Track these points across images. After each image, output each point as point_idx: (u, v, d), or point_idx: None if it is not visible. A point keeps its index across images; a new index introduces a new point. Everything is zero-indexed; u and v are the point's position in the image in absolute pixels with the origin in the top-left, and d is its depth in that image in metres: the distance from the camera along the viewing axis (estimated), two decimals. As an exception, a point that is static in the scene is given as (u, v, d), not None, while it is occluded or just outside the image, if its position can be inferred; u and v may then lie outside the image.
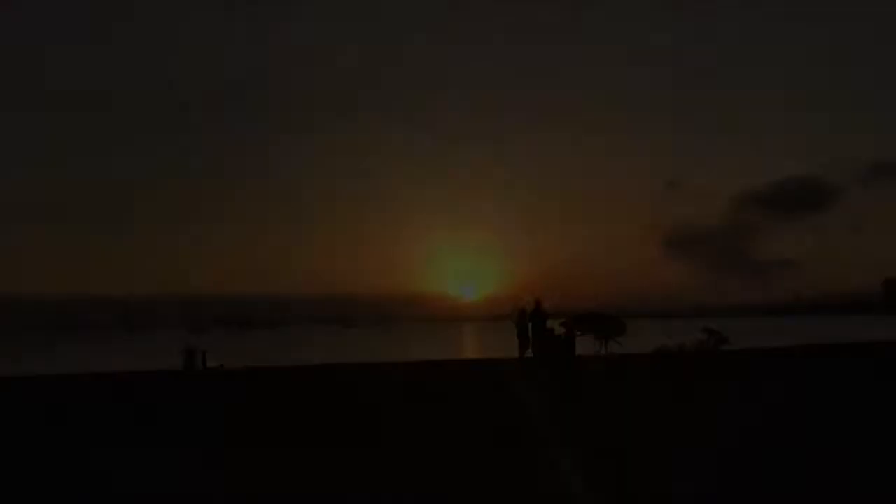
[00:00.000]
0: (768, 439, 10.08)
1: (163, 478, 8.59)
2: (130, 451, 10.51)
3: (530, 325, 24.47)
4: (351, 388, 20.12)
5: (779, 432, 10.60)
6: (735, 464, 8.45)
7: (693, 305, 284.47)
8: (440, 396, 16.98)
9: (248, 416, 14.19)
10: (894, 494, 7.19)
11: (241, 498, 7.52)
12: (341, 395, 18.06)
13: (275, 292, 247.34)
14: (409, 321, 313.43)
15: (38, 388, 22.58)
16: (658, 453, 9.10)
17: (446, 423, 12.23)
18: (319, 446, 10.42)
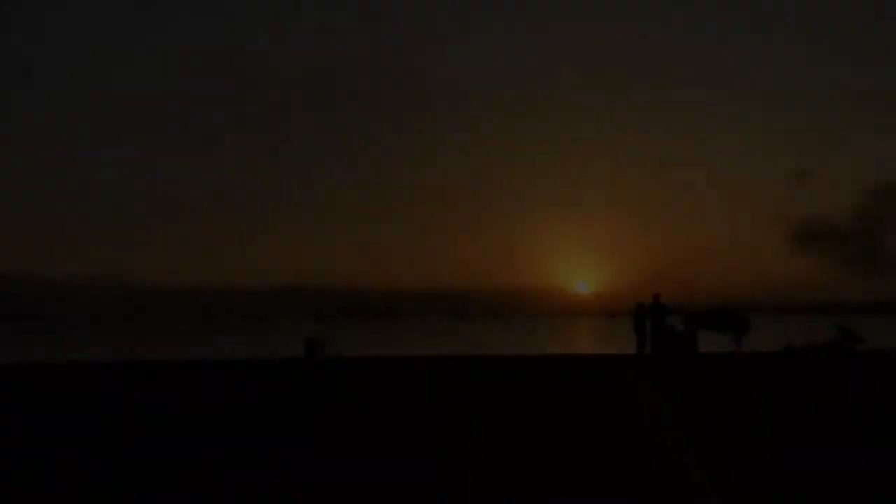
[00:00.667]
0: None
1: (272, 462, 8.85)
2: (249, 434, 10.91)
3: (648, 320, 23.80)
4: (465, 379, 20.21)
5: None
6: (859, 469, 7.93)
7: (821, 302, 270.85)
8: (551, 391, 16.81)
9: (360, 404, 14.47)
10: None
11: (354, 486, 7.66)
12: (455, 385, 18.18)
13: (393, 285, 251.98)
14: (524, 315, 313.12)
15: (168, 373, 23.87)
16: (779, 454, 8.65)
17: (560, 419, 12.07)
18: (434, 435, 10.51)
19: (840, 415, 12.50)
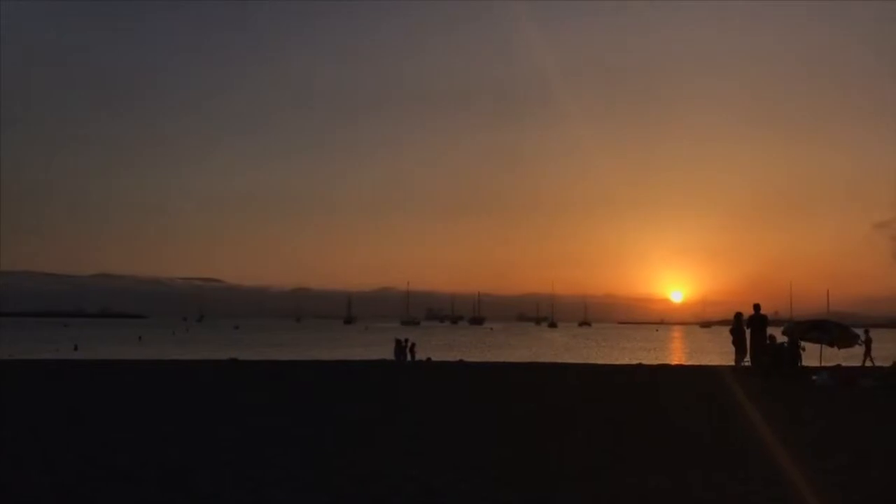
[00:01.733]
0: None
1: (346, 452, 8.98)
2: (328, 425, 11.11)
3: (748, 331, 22.94)
4: (545, 384, 20.02)
5: None
6: None
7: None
8: (643, 398, 16.45)
9: (447, 404, 14.52)
10: None
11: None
12: (533, 389, 18.03)
13: (479, 291, 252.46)
14: (612, 322, 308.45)
15: (262, 369, 24.59)
16: (877, 476, 8.18)
17: (653, 427, 11.79)
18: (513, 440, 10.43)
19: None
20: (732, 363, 24.22)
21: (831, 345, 23.12)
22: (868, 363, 28.93)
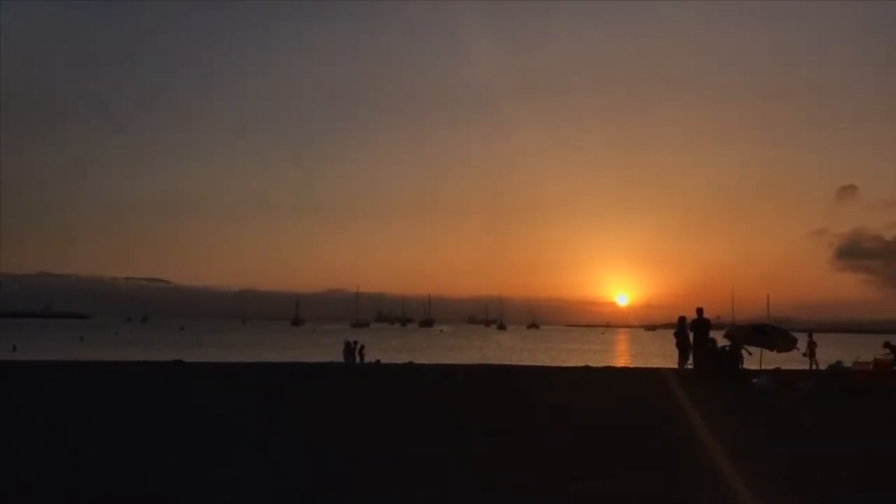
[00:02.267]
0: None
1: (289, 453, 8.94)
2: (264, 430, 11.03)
3: (691, 334, 23.42)
4: (490, 387, 20.15)
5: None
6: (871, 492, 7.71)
7: (868, 320, 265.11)
8: (591, 401, 16.68)
9: (393, 408, 14.52)
10: None
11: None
12: (480, 392, 18.12)
13: (430, 293, 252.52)
14: (560, 325, 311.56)
15: (208, 370, 24.21)
16: (816, 474, 8.46)
17: (597, 429, 11.96)
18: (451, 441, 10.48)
19: (881, 435, 12.19)
20: (676, 366, 24.68)
21: (771, 348, 23.69)
22: (813, 366, 29.78)
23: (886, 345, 29.55)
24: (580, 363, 39.15)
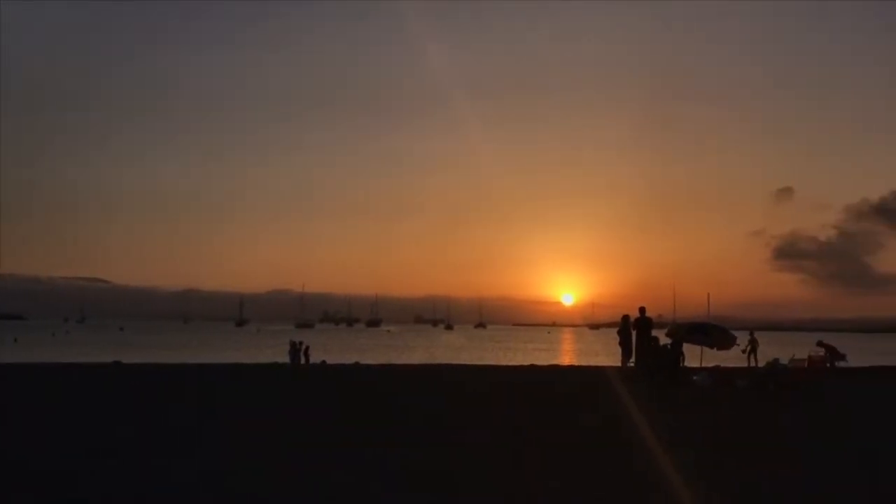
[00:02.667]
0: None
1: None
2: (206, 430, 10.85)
3: (634, 332, 23.79)
4: (438, 386, 20.16)
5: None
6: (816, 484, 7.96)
7: (805, 319, 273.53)
8: (535, 399, 16.79)
9: (337, 408, 14.41)
10: None
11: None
12: (427, 392, 18.13)
13: (376, 293, 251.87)
14: (507, 324, 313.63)
15: (148, 372, 23.70)
16: (748, 468, 8.67)
17: (542, 427, 12.06)
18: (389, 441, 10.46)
19: (816, 432, 12.56)
20: (619, 364, 25.04)
21: (711, 346, 24.18)
22: (752, 364, 30.60)
23: (820, 343, 30.54)
24: (526, 362, 39.47)
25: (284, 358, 35.53)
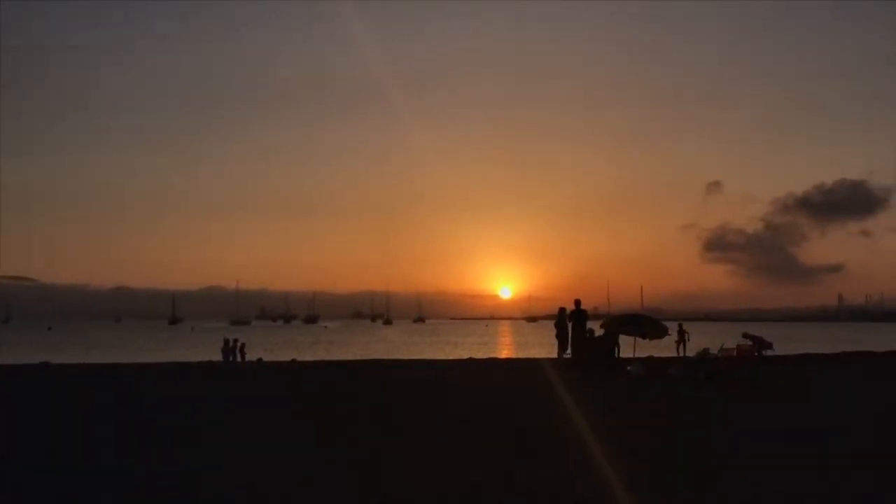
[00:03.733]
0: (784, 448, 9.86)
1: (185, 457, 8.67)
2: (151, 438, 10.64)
3: (570, 325, 24.20)
4: (376, 382, 20.12)
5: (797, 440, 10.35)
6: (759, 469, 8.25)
7: (735, 309, 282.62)
8: (473, 392, 16.92)
9: (276, 407, 14.27)
10: None
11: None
12: (366, 388, 18.08)
13: (314, 289, 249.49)
14: (445, 318, 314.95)
15: (77, 373, 23.03)
16: (681, 456, 8.92)
17: (479, 420, 12.16)
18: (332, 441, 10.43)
19: (747, 415, 12.97)
20: (555, 355, 25.41)
21: (644, 337, 24.72)
22: (681, 353, 31.55)
23: (746, 335, 31.58)
24: (465, 355, 39.68)
25: (219, 356, 34.92)
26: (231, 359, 33.53)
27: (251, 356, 35.15)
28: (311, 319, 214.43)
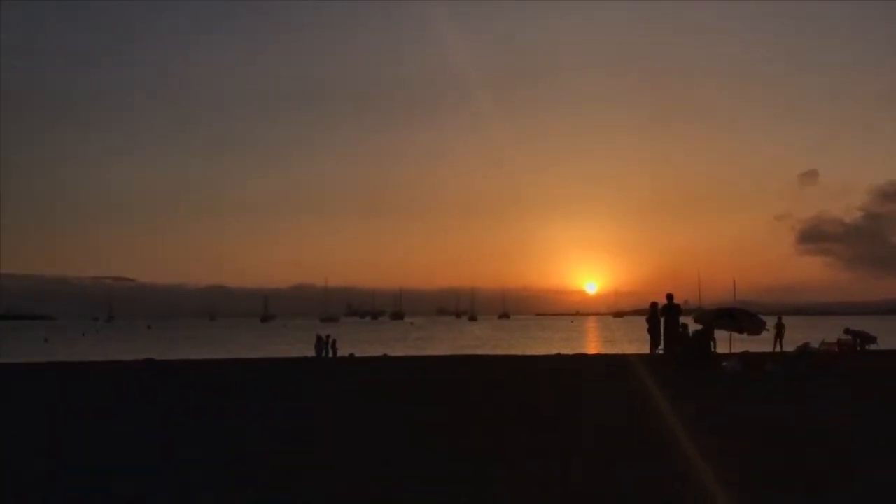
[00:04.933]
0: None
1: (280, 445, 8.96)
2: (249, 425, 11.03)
3: (662, 320, 23.74)
4: (464, 377, 20.25)
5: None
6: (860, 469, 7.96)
7: (832, 302, 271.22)
8: (561, 388, 16.85)
9: (368, 400, 14.56)
10: None
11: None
12: (460, 383, 18.22)
13: (400, 286, 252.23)
14: (530, 314, 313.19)
15: (179, 368, 24.05)
16: (778, 456, 8.68)
17: (573, 417, 12.12)
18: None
19: (848, 413, 12.51)
20: (646, 351, 24.99)
21: (740, 332, 24.06)
22: (778, 348, 30.42)
23: (847, 331, 30.33)
24: (552, 351, 39.47)
25: (312, 352, 35.78)
26: (324, 354, 34.34)
27: (342, 351, 35.92)
28: (398, 316, 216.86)
